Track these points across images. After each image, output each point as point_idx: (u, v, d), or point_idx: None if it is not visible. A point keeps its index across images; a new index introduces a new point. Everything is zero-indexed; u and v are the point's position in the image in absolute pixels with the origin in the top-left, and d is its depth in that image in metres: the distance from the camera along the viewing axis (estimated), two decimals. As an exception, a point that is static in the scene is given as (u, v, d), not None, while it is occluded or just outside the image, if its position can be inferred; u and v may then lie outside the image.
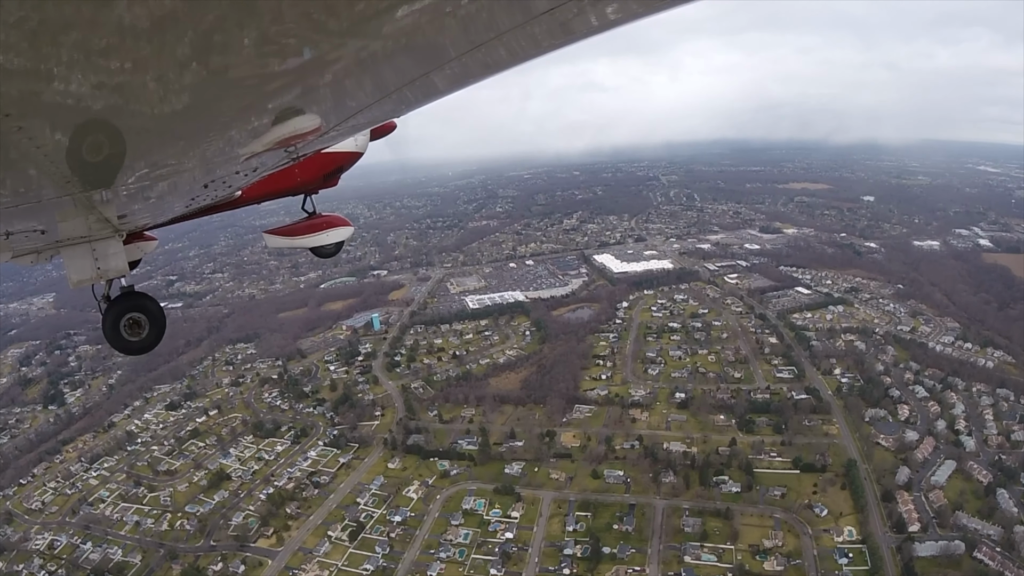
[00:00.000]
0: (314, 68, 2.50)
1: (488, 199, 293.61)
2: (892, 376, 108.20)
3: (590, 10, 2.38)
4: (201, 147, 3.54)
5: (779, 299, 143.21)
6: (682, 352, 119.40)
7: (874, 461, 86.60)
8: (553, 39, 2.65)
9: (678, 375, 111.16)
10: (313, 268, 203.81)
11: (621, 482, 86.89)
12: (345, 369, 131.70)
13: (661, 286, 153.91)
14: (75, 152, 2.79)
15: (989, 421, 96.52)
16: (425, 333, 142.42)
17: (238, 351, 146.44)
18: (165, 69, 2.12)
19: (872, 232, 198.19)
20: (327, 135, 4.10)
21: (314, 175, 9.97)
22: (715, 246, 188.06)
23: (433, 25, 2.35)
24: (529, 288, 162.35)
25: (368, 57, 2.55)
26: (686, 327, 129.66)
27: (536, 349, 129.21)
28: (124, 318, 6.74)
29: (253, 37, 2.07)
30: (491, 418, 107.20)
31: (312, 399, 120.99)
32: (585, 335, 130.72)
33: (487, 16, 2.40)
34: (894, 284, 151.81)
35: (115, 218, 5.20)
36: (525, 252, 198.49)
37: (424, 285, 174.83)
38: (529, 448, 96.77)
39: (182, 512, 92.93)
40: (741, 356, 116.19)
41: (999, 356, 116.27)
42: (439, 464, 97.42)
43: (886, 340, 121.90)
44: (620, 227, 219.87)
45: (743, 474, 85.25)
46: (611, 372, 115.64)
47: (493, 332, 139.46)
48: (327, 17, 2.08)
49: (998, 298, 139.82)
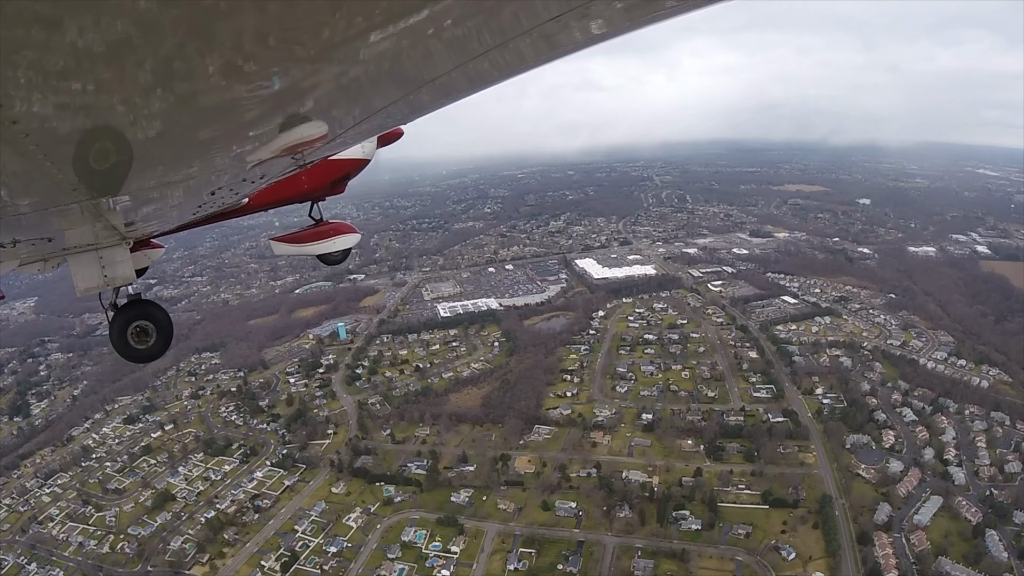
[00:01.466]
0: (321, 75, 2.47)
1: (478, 199, 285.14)
2: (878, 397, 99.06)
3: (601, 14, 2.35)
4: (208, 154, 3.44)
5: (763, 309, 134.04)
6: (655, 367, 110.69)
7: (852, 496, 77.78)
8: (564, 43, 2.57)
9: (647, 393, 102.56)
10: (291, 272, 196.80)
11: (572, 515, 78.65)
12: (305, 382, 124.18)
13: (641, 294, 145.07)
14: (82, 159, 2.74)
15: (981, 449, 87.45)
16: (391, 343, 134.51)
17: (203, 361, 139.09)
18: (172, 75, 2.09)
19: (866, 237, 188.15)
20: (334, 142, 3.98)
21: (321, 182, 9.79)
22: (702, 251, 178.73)
23: (441, 30, 2.29)
24: (505, 295, 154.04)
25: (375, 63, 2.48)
26: (662, 339, 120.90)
27: (503, 362, 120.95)
28: (131, 326, 6.74)
29: (261, 44, 2.03)
30: (446, 438, 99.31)
31: (267, 414, 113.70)
32: (555, 347, 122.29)
33: (496, 21, 2.35)
34: (886, 293, 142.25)
35: (122, 225, 5.24)
36: (507, 256, 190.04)
37: (399, 291, 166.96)
38: (480, 474, 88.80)
39: (124, 534, 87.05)
40: (717, 372, 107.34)
41: (995, 375, 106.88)
42: (384, 490, 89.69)
43: (874, 356, 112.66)
44: (607, 230, 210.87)
45: (706, 509, 76.60)
46: (577, 389, 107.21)
47: (461, 343, 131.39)
48: (334, 23, 2.03)
49: (995, 310, 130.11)
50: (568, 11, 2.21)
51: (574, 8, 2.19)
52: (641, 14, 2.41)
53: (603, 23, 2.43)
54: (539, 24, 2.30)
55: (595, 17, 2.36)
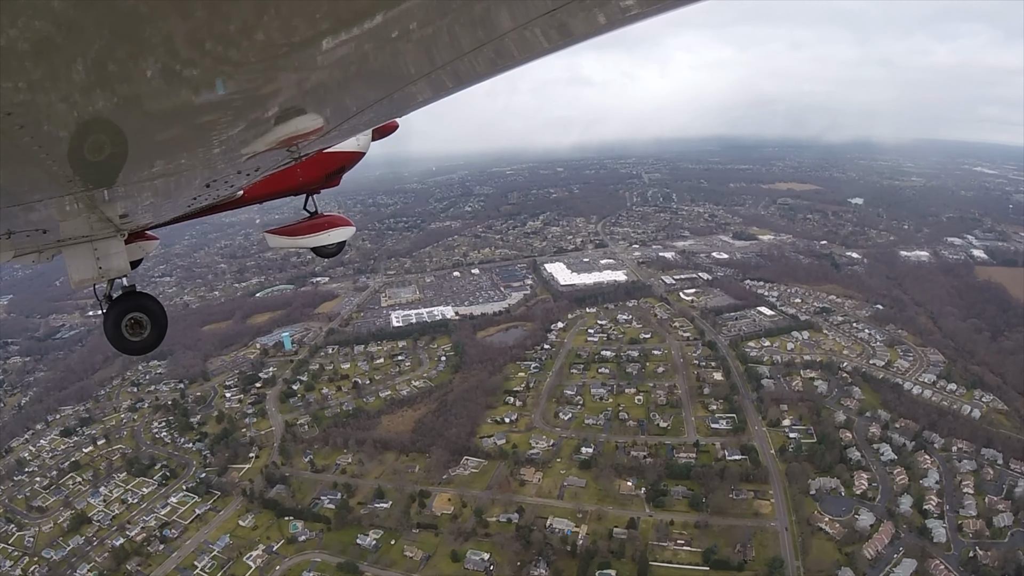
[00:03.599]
0: (316, 68, 2.42)
1: (461, 197, 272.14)
2: (854, 430, 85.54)
3: (597, 8, 2.32)
4: (203, 146, 3.34)
5: (736, 322, 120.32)
6: (606, 390, 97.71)
7: (810, 557, 64.68)
8: (560, 37, 2.52)
9: (593, 422, 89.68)
10: (258, 273, 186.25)
11: (483, 569, 66.38)
12: (240, 397, 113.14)
13: (606, 303, 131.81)
14: (77, 151, 2.71)
15: (968, 496, 73.99)
16: (335, 355, 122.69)
17: (149, 370, 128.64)
18: (167, 68, 2.05)
19: (856, 240, 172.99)
20: (329, 135, 3.95)
21: (316, 175, 9.63)
22: (680, 254, 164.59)
23: (435, 23, 2.27)
24: (464, 302, 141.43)
25: (370, 57, 2.46)
26: (620, 356, 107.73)
27: (446, 380, 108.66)
28: (126, 318, 6.63)
29: (255, 36, 2.01)
30: (367, 468, 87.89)
31: (196, 432, 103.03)
32: (504, 363, 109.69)
33: (491, 14, 2.32)
34: (872, 304, 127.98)
35: (117, 217, 5.15)
36: (476, 258, 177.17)
37: (358, 296, 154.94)
38: (394, 512, 77.15)
39: (39, 557, 79.42)
40: (674, 398, 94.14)
41: (988, 401, 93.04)
42: (292, 525, 78.92)
43: (853, 379, 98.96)
44: (585, 231, 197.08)
45: (635, 570, 63.95)
46: (518, 414, 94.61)
47: (408, 356, 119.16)
48: (328, 16, 2.01)
49: (991, 324, 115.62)
50: (561, 6, 2.16)
51: (567, 3, 2.14)
52: (635, 9, 2.33)
53: (597, 17, 2.36)
54: (534, 19, 2.26)
55: (588, 12, 2.30)
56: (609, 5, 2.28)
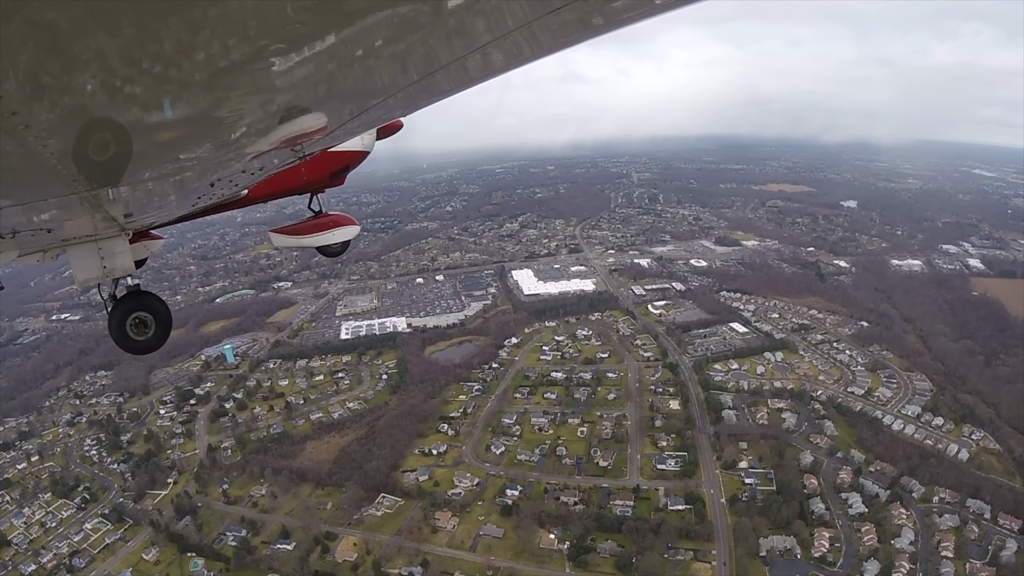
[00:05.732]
0: (320, 67, 2.39)
1: (445, 196, 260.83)
2: (821, 476, 73.65)
3: (601, 8, 2.27)
4: (207, 146, 3.30)
5: (705, 340, 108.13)
6: (548, 419, 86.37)
7: (751, 643, 53.32)
8: (562, 36, 2.47)
9: (525, 458, 78.44)
10: (224, 277, 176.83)
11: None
12: (172, 415, 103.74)
13: (568, 316, 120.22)
14: (81, 150, 2.67)
15: (947, 560, 61.99)
16: (276, 371, 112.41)
17: (96, 380, 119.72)
18: (171, 67, 2.02)
19: (845, 246, 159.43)
20: (333, 134, 3.89)
21: (321, 174, 9.31)
22: (656, 261, 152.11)
23: (440, 23, 2.25)
24: (420, 312, 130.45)
25: (375, 56, 2.41)
26: (571, 379, 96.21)
27: (382, 402, 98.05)
28: (130, 317, 6.46)
29: (260, 35, 1.98)
30: (280, 502, 78.30)
31: (123, 452, 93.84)
32: (446, 384, 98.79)
33: (495, 14, 2.29)
34: (857, 320, 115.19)
35: (121, 217, 5.06)
36: (445, 263, 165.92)
37: (316, 304, 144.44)
38: (295, 556, 67.16)
39: None
40: (622, 430, 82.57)
41: (978, 439, 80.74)
42: (193, 563, 70.39)
43: (827, 410, 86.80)
44: (563, 234, 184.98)
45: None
46: (448, 445, 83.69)
47: (349, 373, 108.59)
48: (333, 15, 1.98)
49: (985, 346, 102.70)
50: (566, 5, 2.12)
51: (571, 2, 2.10)
52: (638, 7, 2.29)
53: (603, 16, 2.31)
54: (538, 18, 2.23)
55: (592, 11, 2.25)
56: (610, 6, 2.23)
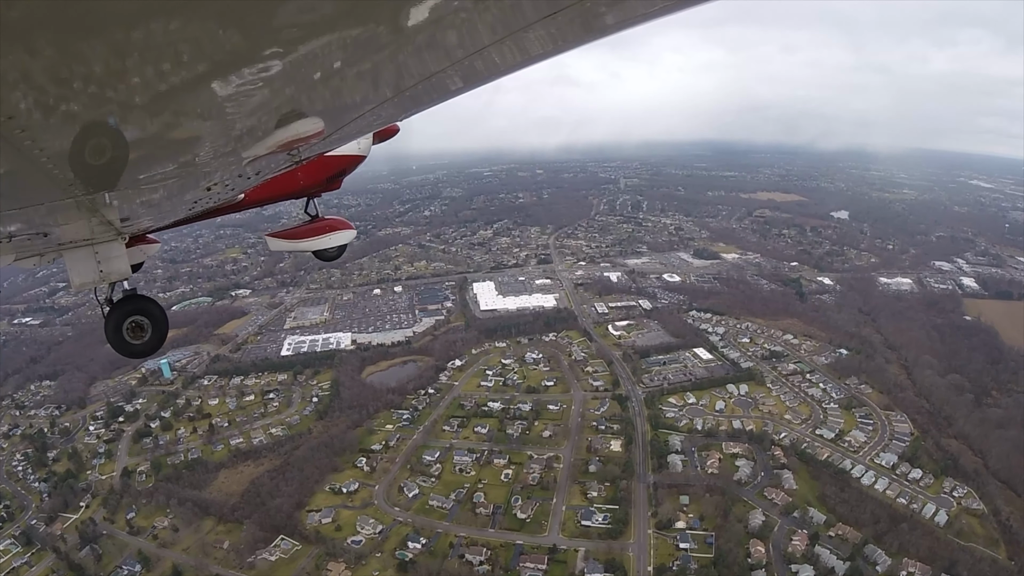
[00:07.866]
0: (316, 72, 2.38)
1: (426, 199, 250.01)
2: (771, 542, 61.98)
3: (600, 10, 2.24)
4: (204, 150, 3.24)
5: (663, 367, 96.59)
6: (473, 459, 75.29)
7: None
8: (561, 39, 2.44)
9: (438, 504, 67.41)
10: (187, 283, 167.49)
11: None
12: (99, 432, 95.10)
13: (521, 335, 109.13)
14: (78, 155, 2.63)
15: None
16: (208, 388, 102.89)
17: (40, 390, 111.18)
18: (167, 72, 2.00)
19: (831, 261, 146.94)
20: (329, 139, 3.87)
21: (317, 178, 9.17)
22: (627, 275, 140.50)
23: (437, 27, 2.22)
24: (369, 328, 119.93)
25: (371, 61, 2.40)
26: (508, 411, 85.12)
27: (306, 428, 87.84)
28: (127, 321, 6.37)
29: (256, 40, 1.98)
30: (180, 536, 70.33)
31: (47, 470, 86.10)
32: (376, 412, 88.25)
33: (491, 18, 2.26)
34: (835, 347, 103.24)
35: (118, 221, 5.05)
36: (407, 272, 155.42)
37: (267, 315, 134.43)
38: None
39: None
40: (551, 476, 71.34)
41: (960, 497, 69.01)
42: None
43: (788, 457, 75.04)
44: (535, 242, 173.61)
45: None
46: (361, 483, 73.02)
47: (281, 394, 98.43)
48: (329, 20, 1.97)
49: (976, 381, 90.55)
50: (561, 10, 2.10)
51: (567, 7, 2.07)
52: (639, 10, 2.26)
53: (602, 19, 2.27)
54: (533, 23, 2.22)
55: (588, 16, 2.22)
56: (612, 6, 2.19)
